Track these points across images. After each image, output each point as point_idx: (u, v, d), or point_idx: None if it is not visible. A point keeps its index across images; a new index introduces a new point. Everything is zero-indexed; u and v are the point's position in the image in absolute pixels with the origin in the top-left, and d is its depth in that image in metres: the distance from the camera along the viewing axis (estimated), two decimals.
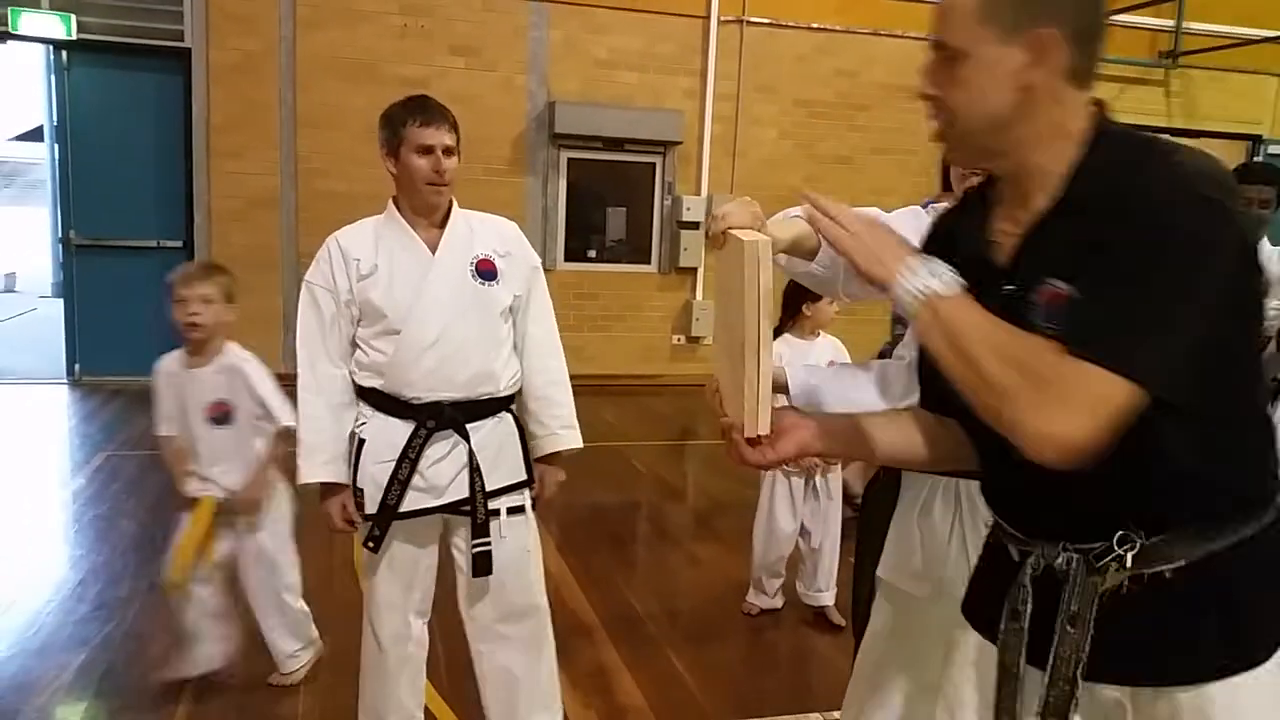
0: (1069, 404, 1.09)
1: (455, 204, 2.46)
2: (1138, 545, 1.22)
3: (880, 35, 8.89)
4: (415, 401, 2.37)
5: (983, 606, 1.43)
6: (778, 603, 3.86)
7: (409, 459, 2.36)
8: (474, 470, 2.39)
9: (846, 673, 2.01)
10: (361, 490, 2.41)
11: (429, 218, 2.41)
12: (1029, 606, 1.32)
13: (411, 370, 2.35)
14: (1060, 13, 1.19)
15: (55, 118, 7.79)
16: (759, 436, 1.35)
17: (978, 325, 1.16)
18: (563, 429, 2.55)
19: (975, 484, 1.81)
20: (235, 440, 3.01)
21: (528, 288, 2.51)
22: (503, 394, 2.46)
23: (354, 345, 2.42)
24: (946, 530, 1.83)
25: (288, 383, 7.37)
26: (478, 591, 2.49)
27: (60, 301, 8.22)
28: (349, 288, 2.38)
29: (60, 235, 7.93)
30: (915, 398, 1.54)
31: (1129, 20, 8.86)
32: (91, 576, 3.94)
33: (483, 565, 2.43)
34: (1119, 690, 1.27)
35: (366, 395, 2.43)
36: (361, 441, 2.41)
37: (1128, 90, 9.49)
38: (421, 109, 2.35)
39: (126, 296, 7.76)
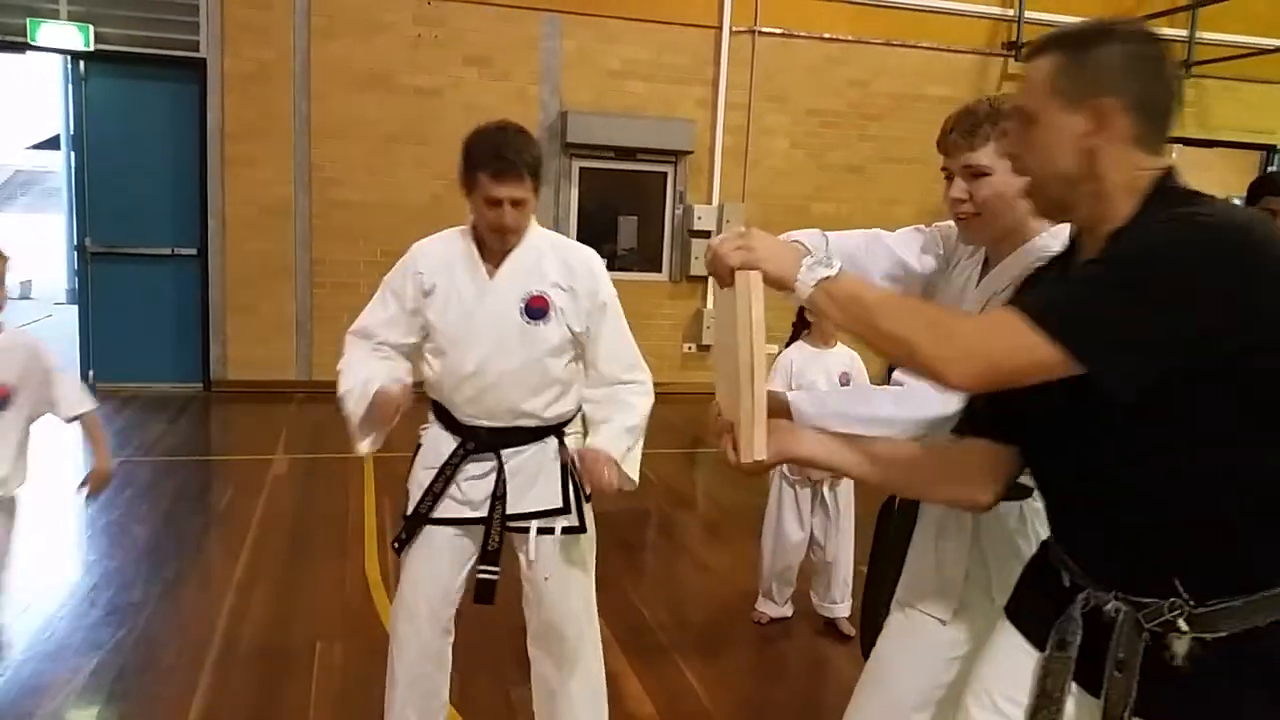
0: (970, 341, 1.28)
1: (534, 227, 2.40)
2: (1186, 612, 1.28)
3: (892, 45, 8.91)
4: (460, 421, 2.43)
5: (1029, 614, 1.49)
6: (787, 611, 3.86)
7: (445, 475, 2.42)
8: (497, 497, 2.40)
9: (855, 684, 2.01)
10: (409, 492, 2.48)
11: (495, 252, 2.38)
12: (1078, 639, 1.37)
13: (454, 394, 2.41)
14: (1120, 85, 1.31)
15: (72, 127, 7.86)
16: (755, 460, 1.39)
17: (874, 294, 1.38)
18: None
19: (989, 512, 1.84)
20: (5, 429, 2.74)
21: (591, 324, 2.41)
22: (547, 423, 2.45)
23: (421, 352, 2.48)
24: (961, 557, 1.85)
25: (303, 389, 7.28)
26: (528, 601, 2.51)
27: (75, 309, 8.28)
28: (414, 296, 2.42)
29: (76, 243, 8.00)
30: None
31: None
32: (104, 581, 3.96)
33: (484, 593, 2.42)
34: None
35: (432, 403, 2.51)
36: (419, 446, 2.51)
37: None
38: (497, 158, 2.23)
39: (141, 304, 7.82)
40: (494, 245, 2.37)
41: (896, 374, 1.86)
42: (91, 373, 7.77)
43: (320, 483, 5.52)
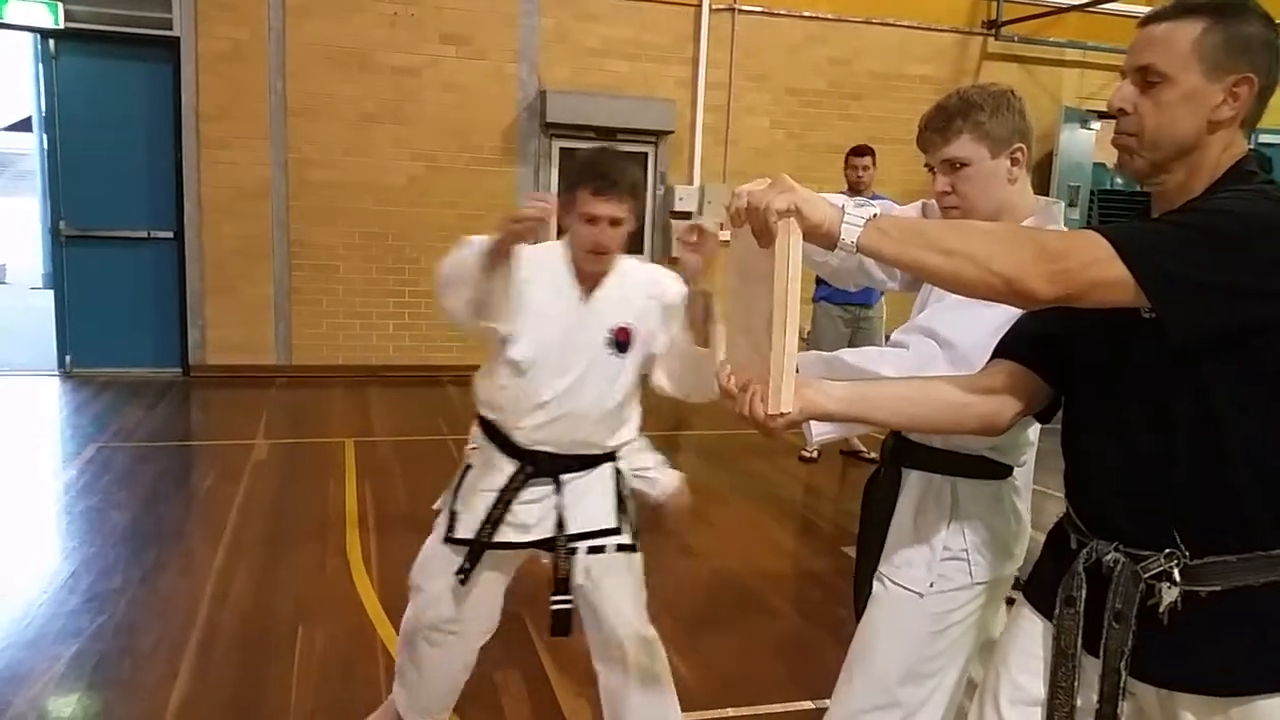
0: (1053, 245, 1.28)
1: (623, 257, 2.36)
2: (1181, 564, 1.32)
3: (872, 24, 8.88)
4: (520, 444, 2.36)
5: (1040, 586, 1.54)
6: None
7: (505, 500, 2.36)
8: (560, 524, 2.37)
9: (838, 662, 2.03)
10: (455, 514, 2.40)
11: (586, 275, 2.33)
12: (1083, 593, 1.42)
13: (523, 418, 2.32)
14: (1259, 65, 1.34)
15: (44, 108, 7.73)
16: (782, 413, 1.36)
17: (930, 221, 1.41)
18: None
19: (969, 486, 1.87)
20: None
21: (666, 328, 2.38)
22: (607, 450, 2.43)
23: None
24: (939, 531, 1.88)
25: (283, 374, 7.24)
26: (585, 620, 2.48)
27: (51, 293, 8.18)
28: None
29: (50, 226, 7.89)
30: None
31: (1122, 9, 8.86)
32: (83, 568, 3.93)
33: (560, 625, 2.40)
34: (1155, 691, 1.38)
35: (482, 424, 2.43)
36: (468, 467, 2.43)
37: None
38: (600, 175, 2.24)
39: (117, 287, 7.73)
40: (587, 267, 2.30)
41: (896, 335, 1.87)
42: (69, 358, 7.69)
43: (301, 467, 5.49)
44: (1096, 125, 9.22)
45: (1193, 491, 1.32)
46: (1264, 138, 9.55)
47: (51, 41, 7.40)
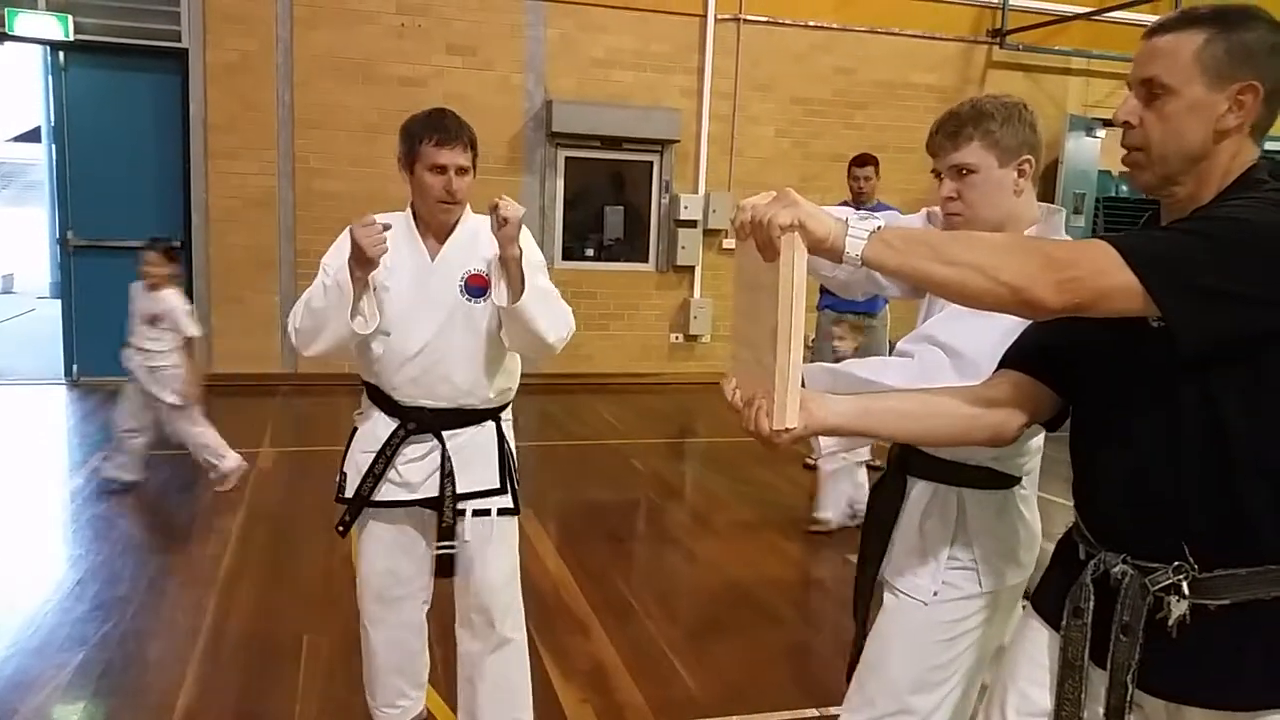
0: (1061, 255, 1.28)
1: (469, 210, 2.46)
2: (1190, 578, 1.31)
3: (877, 33, 8.90)
4: (399, 403, 2.46)
5: (1048, 597, 1.53)
6: None
7: (385, 456, 2.46)
8: (446, 475, 2.45)
9: (842, 669, 2.03)
10: (345, 475, 2.53)
11: (437, 230, 2.44)
12: (1091, 605, 1.41)
13: (395, 375, 2.43)
14: (1264, 71, 1.33)
15: (53, 119, 7.79)
16: (786, 429, 1.35)
17: (935, 232, 1.40)
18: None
19: (975, 496, 1.87)
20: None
21: None
22: (488, 406, 2.51)
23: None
24: (944, 539, 1.88)
25: (289, 382, 7.27)
26: (458, 581, 2.56)
27: (58, 302, 8.22)
28: None
29: (58, 236, 7.94)
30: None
31: (1127, 17, 8.88)
32: (90, 576, 3.94)
33: (445, 567, 2.50)
34: (1164, 704, 1.37)
35: (366, 388, 2.54)
36: (355, 430, 2.55)
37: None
38: (439, 128, 2.34)
39: (124, 297, 7.74)
40: (436, 219, 2.41)
41: (902, 344, 1.87)
42: (75, 367, 7.72)
43: (306, 476, 5.50)
44: (1102, 133, 9.22)
45: (1201, 503, 1.31)
46: (1270, 145, 9.54)
47: (61, 53, 7.45)
